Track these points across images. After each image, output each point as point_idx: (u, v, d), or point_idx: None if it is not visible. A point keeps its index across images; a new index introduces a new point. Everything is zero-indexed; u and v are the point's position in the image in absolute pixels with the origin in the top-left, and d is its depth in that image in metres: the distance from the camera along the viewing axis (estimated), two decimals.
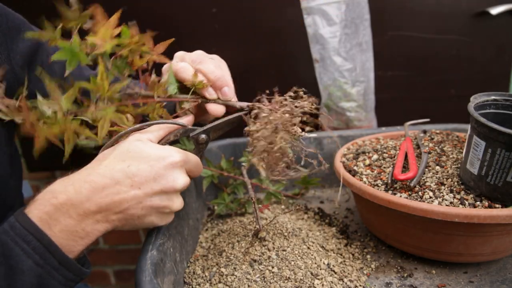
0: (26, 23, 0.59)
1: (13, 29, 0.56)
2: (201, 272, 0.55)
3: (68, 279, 0.40)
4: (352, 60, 0.97)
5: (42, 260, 0.37)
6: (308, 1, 0.93)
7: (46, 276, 0.37)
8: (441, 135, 0.68)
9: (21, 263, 0.36)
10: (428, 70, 1.12)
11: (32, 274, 0.37)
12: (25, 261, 0.36)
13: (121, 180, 0.41)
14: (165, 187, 0.44)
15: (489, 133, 0.47)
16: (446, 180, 0.55)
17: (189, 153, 0.48)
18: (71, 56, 0.48)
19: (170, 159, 0.44)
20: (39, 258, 0.37)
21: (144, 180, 0.42)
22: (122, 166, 0.42)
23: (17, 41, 0.56)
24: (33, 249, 0.37)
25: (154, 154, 0.44)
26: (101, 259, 1.47)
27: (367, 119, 1.04)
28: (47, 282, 0.38)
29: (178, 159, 0.45)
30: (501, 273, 0.54)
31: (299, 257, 0.53)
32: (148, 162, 0.43)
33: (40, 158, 0.48)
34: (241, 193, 0.75)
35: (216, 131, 0.54)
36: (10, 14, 0.57)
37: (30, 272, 0.37)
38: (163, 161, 0.44)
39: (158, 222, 0.46)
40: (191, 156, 0.48)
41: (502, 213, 0.45)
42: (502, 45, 1.08)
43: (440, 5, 1.04)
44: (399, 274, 0.55)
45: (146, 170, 0.43)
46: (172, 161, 0.44)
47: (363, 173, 0.61)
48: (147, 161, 0.43)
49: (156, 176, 0.43)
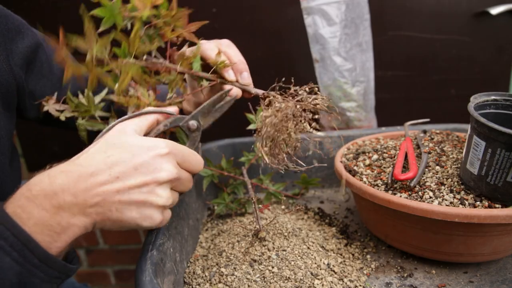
0: (26, 25, 0.59)
1: (12, 30, 0.56)
2: (201, 272, 0.55)
3: (52, 277, 0.38)
4: (352, 60, 0.97)
5: (21, 258, 0.35)
6: (308, 1, 0.93)
7: (27, 274, 0.36)
8: (441, 135, 0.68)
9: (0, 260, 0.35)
10: (428, 70, 1.12)
11: (11, 272, 0.35)
12: (2, 258, 0.35)
13: (99, 169, 0.39)
14: (146, 179, 0.41)
15: (489, 133, 0.47)
16: (446, 180, 0.55)
17: (179, 145, 0.45)
18: (109, 14, 0.49)
19: (155, 150, 0.42)
20: (17, 255, 0.35)
21: (123, 169, 0.40)
22: (102, 156, 0.40)
23: (16, 42, 0.57)
24: (10, 246, 0.35)
25: (138, 144, 0.42)
26: (101, 259, 1.47)
27: (367, 119, 1.04)
28: (28, 281, 0.36)
29: (163, 149, 0.42)
30: (501, 273, 0.54)
31: (299, 257, 0.53)
32: (130, 151, 0.41)
33: (40, 158, 0.48)
34: (241, 193, 0.75)
35: (205, 116, 0.53)
36: (10, 15, 0.57)
37: (9, 271, 0.35)
38: (147, 151, 0.41)
39: (141, 220, 0.42)
40: (181, 147, 0.45)
41: (502, 213, 0.45)
42: (502, 45, 1.09)
43: (440, 5, 1.05)
44: (399, 274, 0.55)
45: (126, 160, 0.40)
46: (157, 151, 0.42)
47: (363, 173, 0.61)
48: (129, 151, 0.41)
49: (137, 165, 0.40)
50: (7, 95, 0.56)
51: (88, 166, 0.39)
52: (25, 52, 0.57)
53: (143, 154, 0.41)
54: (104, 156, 0.40)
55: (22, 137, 1.22)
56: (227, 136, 0.84)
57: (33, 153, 1.25)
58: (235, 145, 0.84)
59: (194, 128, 0.52)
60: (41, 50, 0.61)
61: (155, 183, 0.41)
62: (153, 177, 0.41)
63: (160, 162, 0.42)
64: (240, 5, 1.07)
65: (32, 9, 1.08)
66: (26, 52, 0.58)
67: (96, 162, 0.39)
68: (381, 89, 1.07)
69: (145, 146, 0.42)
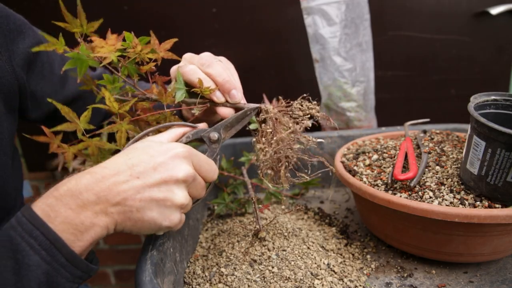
0: (27, 24, 0.59)
1: (14, 30, 0.56)
2: (201, 272, 0.55)
3: (76, 276, 0.39)
4: (352, 60, 0.97)
5: (49, 257, 0.36)
6: (308, 1, 0.93)
7: (54, 273, 0.37)
8: (441, 135, 0.68)
9: (27, 258, 0.36)
10: (428, 70, 1.12)
11: (40, 270, 0.36)
12: (32, 256, 0.36)
13: (121, 170, 0.41)
14: (165, 176, 0.42)
15: (489, 133, 0.47)
16: (446, 180, 0.55)
17: (196, 151, 0.47)
18: (80, 64, 0.51)
19: (172, 151, 0.44)
20: (45, 254, 0.36)
21: (143, 169, 0.42)
22: (124, 159, 0.42)
23: (18, 43, 0.56)
24: (39, 244, 0.36)
25: (157, 147, 0.44)
26: (101, 259, 1.47)
27: (367, 119, 1.04)
28: (55, 280, 0.37)
29: (180, 150, 0.44)
30: (501, 273, 0.54)
31: (299, 257, 0.53)
32: (149, 153, 0.43)
33: (40, 158, 0.49)
34: (241, 193, 0.75)
35: (227, 129, 0.54)
36: (11, 15, 0.56)
37: (37, 269, 0.36)
38: (166, 152, 0.43)
39: (161, 220, 0.43)
40: (198, 153, 0.47)
41: (502, 213, 0.45)
42: (502, 45, 1.09)
43: (440, 5, 1.05)
44: (399, 274, 0.55)
45: (146, 160, 0.42)
46: (175, 152, 0.44)
47: (363, 173, 0.61)
48: (149, 153, 0.43)
49: (156, 165, 0.42)
50: (9, 96, 0.56)
51: (111, 168, 0.41)
52: (26, 52, 0.57)
53: (162, 155, 0.43)
54: (126, 159, 0.42)
55: (22, 137, 1.22)
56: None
57: (33, 153, 1.25)
58: (235, 145, 0.84)
59: (215, 140, 0.53)
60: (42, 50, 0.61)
61: (172, 181, 0.43)
62: (171, 175, 0.42)
63: (177, 162, 0.43)
64: (240, 5, 1.07)
65: (32, 9, 1.08)
66: (28, 52, 0.58)
67: (119, 164, 0.42)
68: (381, 89, 1.07)
69: (163, 149, 0.44)
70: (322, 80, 1.00)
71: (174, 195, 0.43)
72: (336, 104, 1.01)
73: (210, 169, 0.49)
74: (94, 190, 0.39)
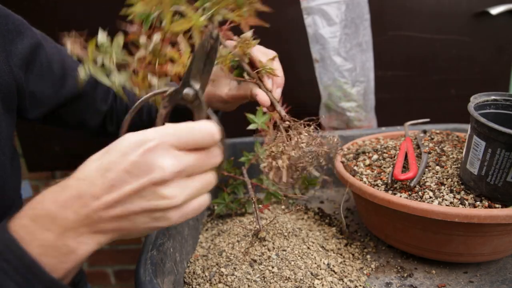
0: (26, 24, 0.59)
1: (12, 31, 0.56)
2: (201, 272, 0.55)
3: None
4: (352, 60, 0.97)
5: (25, 283, 0.32)
6: (308, 1, 0.93)
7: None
8: (441, 135, 0.68)
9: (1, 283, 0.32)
10: (428, 70, 1.12)
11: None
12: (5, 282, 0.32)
13: (93, 180, 0.34)
14: (142, 182, 0.34)
15: (489, 133, 0.47)
16: (446, 180, 0.55)
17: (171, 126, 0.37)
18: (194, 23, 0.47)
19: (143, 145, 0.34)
20: (21, 279, 0.32)
21: (115, 176, 0.34)
22: (96, 163, 0.35)
23: (16, 43, 0.56)
24: (14, 269, 0.32)
25: (128, 140, 0.35)
26: (101, 259, 1.47)
27: (367, 119, 1.04)
28: None
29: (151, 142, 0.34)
30: (501, 273, 0.54)
31: (299, 257, 0.53)
32: (119, 150, 0.35)
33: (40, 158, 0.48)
34: (241, 193, 0.75)
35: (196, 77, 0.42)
36: (10, 15, 0.56)
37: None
38: (136, 148, 0.34)
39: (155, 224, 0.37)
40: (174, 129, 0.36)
41: (502, 213, 0.45)
42: (502, 45, 1.09)
43: (440, 5, 1.04)
44: (399, 274, 0.55)
45: (116, 162, 0.34)
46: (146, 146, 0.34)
47: (363, 173, 0.61)
48: (119, 150, 0.35)
49: (128, 167, 0.34)
50: (7, 96, 0.56)
51: (84, 178, 0.35)
52: (24, 52, 0.57)
53: (132, 152, 0.34)
54: (97, 163, 0.35)
55: (22, 137, 1.22)
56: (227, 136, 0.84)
57: (33, 153, 1.25)
58: (235, 145, 0.84)
59: (192, 98, 0.42)
60: (41, 50, 0.61)
61: (152, 185, 0.34)
62: (149, 179, 0.34)
63: (151, 158, 0.34)
64: None
65: (32, 9, 1.08)
66: (26, 52, 0.58)
67: (90, 171, 0.35)
68: (381, 89, 1.07)
69: (133, 142, 0.35)
70: (322, 80, 1.00)
71: (161, 201, 0.35)
72: (336, 104, 1.01)
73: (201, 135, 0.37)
74: (72, 208, 0.34)
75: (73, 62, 0.67)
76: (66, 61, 0.66)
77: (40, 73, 0.62)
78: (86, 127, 0.73)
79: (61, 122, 0.70)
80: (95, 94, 0.70)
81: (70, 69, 0.66)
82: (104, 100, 0.72)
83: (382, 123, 1.06)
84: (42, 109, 0.64)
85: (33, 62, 0.60)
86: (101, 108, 0.72)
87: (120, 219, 0.35)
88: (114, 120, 0.75)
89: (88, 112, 0.70)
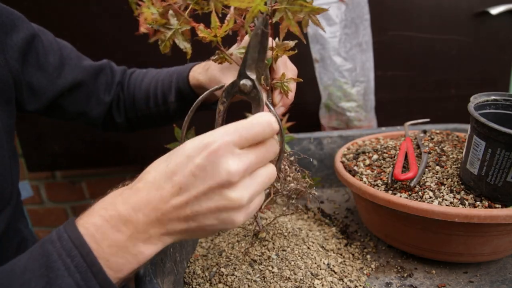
0: (21, 18, 0.60)
1: (7, 24, 0.57)
2: (201, 272, 0.55)
3: None
4: (352, 60, 0.97)
5: (83, 281, 0.33)
6: None
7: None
8: (441, 135, 0.68)
9: (61, 279, 0.33)
10: (428, 70, 1.12)
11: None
12: (65, 278, 0.33)
13: (161, 183, 0.36)
14: (209, 184, 0.35)
15: (489, 133, 0.47)
16: (446, 180, 0.55)
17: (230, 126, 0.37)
18: None
19: (207, 148, 0.35)
20: (79, 278, 0.33)
21: (182, 179, 0.35)
22: (163, 166, 0.37)
23: (12, 35, 0.57)
24: (76, 266, 0.33)
25: (192, 143, 0.36)
26: None
27: (367, 119, 1.04)
28: None
29: (213, 144, 0.35)
30: (501, 273, 0.54)
31: (299, 257, 0.53)
32: (185, 154, 0.36)
33: (40, 158, 0.48)
34: None
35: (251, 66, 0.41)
36: (4, 9, 0.57)
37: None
38: (201, 151, 0.35)
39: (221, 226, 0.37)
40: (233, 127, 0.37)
41: (502, 213, 0.45)
42: (502, 45, 1.09)
43: (440, 5, 1.04)
44: (399, 274, 0.55)
45: (182, 166, 0.35)
46: (209, 149, 0.35)
47: (363, 173, 0.61)
48: (184, 154, 0.36)
49: (194, 171, 0.35)
50: (4, 89, 0.56)
51: (152, 181, 0.36)
52: (20, 44, 0.58)
53: (197, 156, 0.35)
54: (164, 166, 0.37)
55: (22, 137, 1.22)
56: None
57: (33, 153, 1.25)
58: None
59: (249, 88, 0.42)
60: (37, 41, 0.61)
61: (220, 187, 0.35)
62: (216, 182, 0.35)
63: (216, 161, 0.35)
64: None
65: (32, 9, 1.08)
66: (22, 44, 0.58)
67: (158, 174, 0.36)
68: (381, 89, 1.07)
69: (196, 145, 0.36)
70: (322, 80, 1.00)
71: (228, 202, 0.36)
72: (336, 104, 1.01)
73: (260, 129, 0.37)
74: (143, 211, 0.35)
75: (71, 52, 0.68)
76: (63, 51, 0.66)
77: (37, 63, 0.62)
78: (88, 118, 0.72)
79: (62, 113, 0.70)
80: (96, 84, 0.70)
81: (67, 59, 0.66)
82: (108, 91, 0.72)
83: (382, 123, 1.06)
84: (40, 100, 0.64)
85: (29, 53, 0.61)
86: (104, 98, 0.71)
87: (188, 220, 0.36)
88: (121, 111, 0.74)
89: (90, 102, 0.70)
